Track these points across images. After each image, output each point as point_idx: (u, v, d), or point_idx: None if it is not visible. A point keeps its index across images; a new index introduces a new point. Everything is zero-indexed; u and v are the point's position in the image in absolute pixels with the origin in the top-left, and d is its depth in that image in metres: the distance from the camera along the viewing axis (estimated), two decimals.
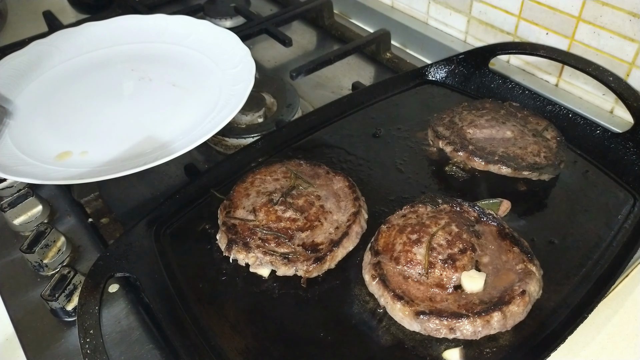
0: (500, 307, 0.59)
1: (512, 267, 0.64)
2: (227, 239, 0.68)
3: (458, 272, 0.63)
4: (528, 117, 0.86)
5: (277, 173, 0.77)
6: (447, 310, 0.60)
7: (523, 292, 0.60)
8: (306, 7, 1.23)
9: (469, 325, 0.58)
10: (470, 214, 0.70)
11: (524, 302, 0.60)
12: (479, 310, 0.59)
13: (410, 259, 0.64)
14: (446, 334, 0.59)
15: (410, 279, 0.63)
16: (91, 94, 0.94)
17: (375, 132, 0.89)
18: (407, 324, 0.60)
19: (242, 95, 0.85)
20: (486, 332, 0.59)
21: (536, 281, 0.62)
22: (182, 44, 1.04)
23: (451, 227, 0.66)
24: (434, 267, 0.63)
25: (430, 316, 0.59)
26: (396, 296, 0.61)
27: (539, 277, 0.63)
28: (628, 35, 0.86)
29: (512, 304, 0.59)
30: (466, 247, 0.65)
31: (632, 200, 0.76)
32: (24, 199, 0.77)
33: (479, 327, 0.58)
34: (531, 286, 0.61)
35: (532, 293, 0.61)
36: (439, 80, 1.00)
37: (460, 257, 0.64)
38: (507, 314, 0.59)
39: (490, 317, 0.58)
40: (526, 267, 0.63)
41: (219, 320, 0.63)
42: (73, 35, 1.04)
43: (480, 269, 0.64)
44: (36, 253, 0.69)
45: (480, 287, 0.62)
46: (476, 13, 1.08)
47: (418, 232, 0.66)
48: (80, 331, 0.57)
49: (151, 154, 0.78)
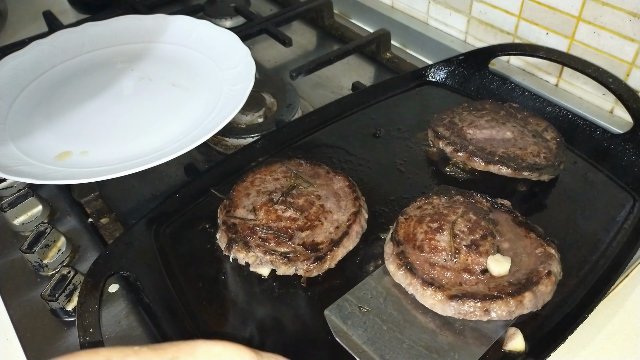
0: (531, 288, 0.60)
1: (531, 251, 0.65)
2: (227, 238, 0.68)
3: (483, 257, 0.64)
4: (528, 118, 0.86)
5: (277, 172, 0.77)
6: (479, 293, 0.61)
7: (549, 273, 0.62)
8: (306, 7, 1.23)
9: (503, 306, 0.59)
10: (483, 204, 0.71)
11: (551, 281, 0.62)
12: (512, 292, 0.60)
13: (434, 246, 0.65)
14: (480, 316, 0.60)
15: (437, 266, 0.64)
16: (91, 94, 0.94)
17: (375, 132, 0.89)
18: (440, 309, 0.61)
19: (242, 95, 0.85)
20: (519, 312, 0.60)
21: (557, 262, 0.64)
22: (182, 44, 1.04)
23: (469, 215, 0.68)
24: (459, 253, 0.64)
25: (464, 299, 0.60)
26: (426, 282, 0.62)
27: (558, 259, 0.65)
28: (628, 35, 0.87)
29: (541, 284, 0.61)
30: (486, 233, 0.66)
31: (631, 201, 0.76)
32: (24, 199, 0.77)
33: (512, 307, 0.59)
34: (554, 267, 0.63)
35: (556, 273, 0.63)
36: (439, 81, 1.00)
37: (482, 243, 0.65)
38: (537, 293, 0.60)
39: (522, 297, 0.60)
40: (546, 250, 0.65)
41: (219, 320, 0.63)
42: (73, 35, 1.04)
43: (503, 254, 0.65)
44: (36, 253, 0.69)
45: (507, 270, 0.63)
46: (476, 13, 1.08)
47: (438, 220, 0.67)
48: (79, 330, 0.57)
49: (151, 154, 0.78)
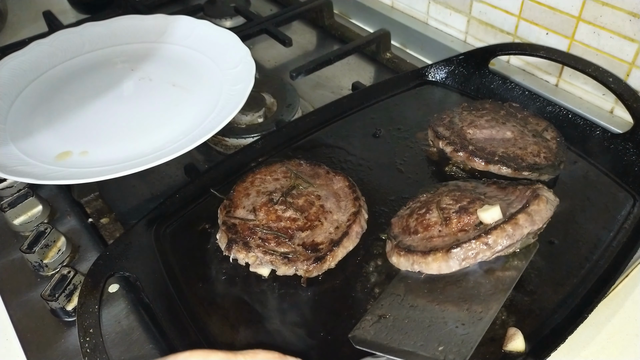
0: (523, 209, 0.62)
1: (521, 196, 0.66)
2: (227, 239, 0.68)
3: (474, 215, 0.65)
4: (528, 117, 0.86)
5: (277, 173, 0.77)
6: (475, 235, 0.62)
7: (537, 195, 0.63)
8: (306, 7, 1.23)
9: (501, 233, 0.60)
10: (468, 185, 0.74)
11: (542, 200, 0.63)
12: (504, 220, 0.61)
13: (426, 224, 0.67)
14: (484, 252, 0.61)
15: (433, 238, 0.65)
16: (91, 94, 0.94)
17: (375, 132, 0.89)
18: (445, 268, 0.62)
19: (242, 95, 0.85)
20: (519, 234, 0.61)
21: (547, 190, 0.65)
22: (182, 44, 1.04)
23: (453, 193, 0.70)
24: (450, 219, 0.65)
25: (462, 245, 0.61)
26: (426, 253, 0.63)
27: (547, 189, 0.66)
28: (628, 35, 0.87)
29: (532, 204, 0.62)
30: (474, 199, 0.67)
31: (631, 201, 0.76)
32: (24, 199, 0.77)
33: (510, 231, 0.61)
34: (544, 192, 0.64)
35: (549, 197, 0.64)
36: (439, 80, 1.00)
37: (470, 207, 0.66)
38: (530, 213, 0.62)
39: (516, 220, 0.61)
40: (533, 188, 0.66)
41: (218, 320, 0.63)
42: (73, 35, 1.04)
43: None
44: (36, 253, 0.69)
45: (499, 214, 0.63)
46: (476, 13, 1.08)
47: (425, 206, 0.69)
48: (80, 330, 0.57)
49: (151, 154, 0.78)
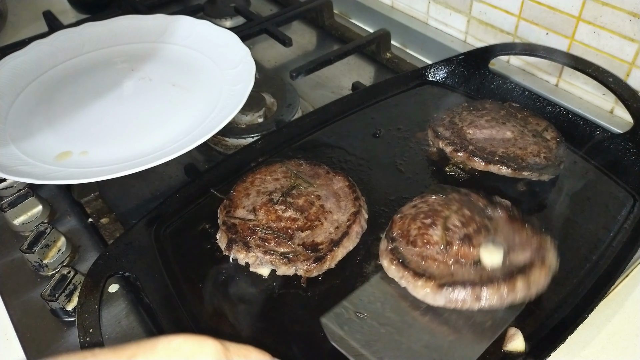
0: (523, 272, 0.60)
1: (526, 244, 0.65)
2: (227, 239, 0.68)
3: (475, 249, 0.64)
4: (528, 117, 0.86)
5: (277, 173, 0.77)
6: (470, 280, 0.61)
7: (542, 261, 0.62)
8: (306, 7, 1.23)
9: (494, 291, 0.59)
10: (479, 201, 0.71)
11: (545, 269, 0.62)
12: (503, 277, 0.60)
13: (427, 240, 0.65)
14: (471, 303, 0.60)
15: (429, 258, 0.64)
16: (91, 94, 0.94)
17: (375, 132, 0.89)
18: (431, 299, 0.61)
19: (242, 95, 0.85)
20: (511, 299, 0.60)
21: (552, 253, 0.64)
22: (182, 44, 1.04)
23: (463, 211, 0.68)
24: (451, 245, 0.64)
25: (454, 286, 0.60)
26: (417, 274, 0.62)
27: (554, 249, 0.65)
28: (628, 36, 0.86)
29: (534, 270, 0.61)
30: (480, 227, 0.66)
31: (631, 201, 0.76)
32: (24, 199, 0.77)
33: (504, 293, 0.59)
34: (548, 257, 0.63)
35: (551, 264, 0.63)
36: (439, 80, 1.00)
37: (475, 236, 0.65)
38: (530, 279, 0.60)
39: (514, 283, 0.60)
40: (540, 242, 0.65)
41: (218, 320, 0.63)
42: (73, 35, 1.04)
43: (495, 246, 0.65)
44: (36, 253, 0.69)
45: (500, 260, 0.62)
46: (476, 13, 1.08)
47: (431, 216, 0.68)
48: (80, 330, 0.57)
49: (151, 154, 0.78)
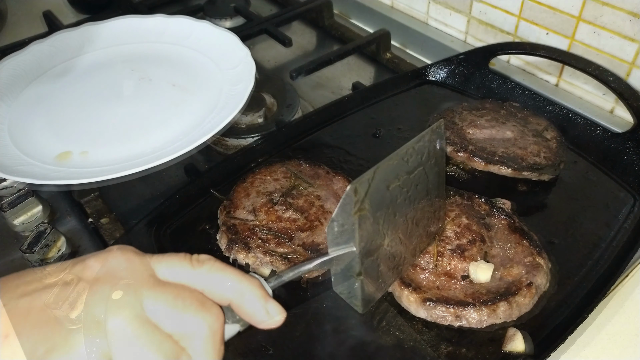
0: (507, 297, 0.60)
1: (520, 260, 0.65)
2: (227, 239, 0.68)
3: (466, 262, 0.63)
4: (528, 117, 0.86)
5: (277, 173, 0.77)
6: (454, 298, 0.61)
7: (530, 284, 0.61)
8: (306, 7, 1.23)
9: (474, 313, 0.59)
10: (481, 207, 0.71)
11: (531, 293, 0.61)
12: (486, 300, 0.60)
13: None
14: (452, 321, 0.60)
15: (419, 268, 0.64)
16: (91, 94, 0.94)
17: (375, 132, 0.89)
18: (414, 310, 0.61)
19: (243, 95, 0.85)
20: (492, 321, 0.60)
21: (544, 274, 0.63)
22: (182, 44, 1.04)
23: (461, 219, 0.68)
24: (442, 257, 0.64)
25: (437, 303, 0.60)
26: (404, 283, 0.62)
27: (546, 270, 0.64)
28: (628, 35, 0.86)
29: (519, 294, 0.60)
30: (475, 238, 0.66)
31: (632, 200, 0.76)
32: (24, 199, 0.77)
33: (484, 315, 0.59)
34: (538, 278, 0.62)
35: (540, 285, 0.62)
36: (439, 80, 1.00)
37: (469, 248, 0.65)
38: (513, 304, 0.60)
39: (496, 307, 0.59)
40: (534, 260, 0.64)
41: None
42: (73, 35, 1.04)
43: (488, 261, 0.64)
44: (36, 253, 0.69)
45: (488, 278, 0.62)
46: (476, 13, 1.08)
47: None
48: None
49: (151, 154, 0.78)
